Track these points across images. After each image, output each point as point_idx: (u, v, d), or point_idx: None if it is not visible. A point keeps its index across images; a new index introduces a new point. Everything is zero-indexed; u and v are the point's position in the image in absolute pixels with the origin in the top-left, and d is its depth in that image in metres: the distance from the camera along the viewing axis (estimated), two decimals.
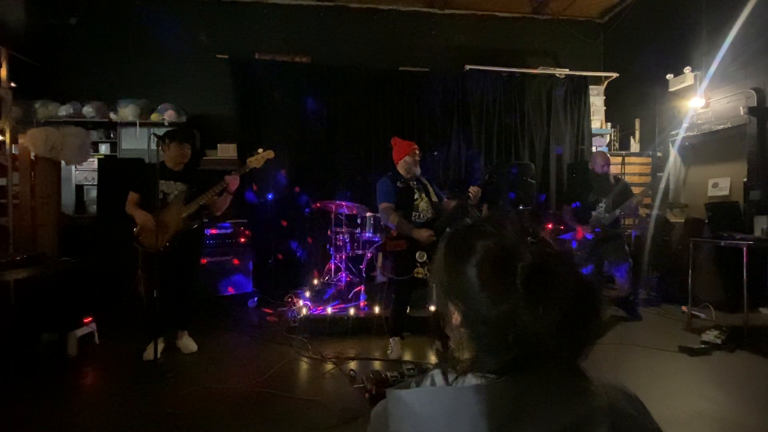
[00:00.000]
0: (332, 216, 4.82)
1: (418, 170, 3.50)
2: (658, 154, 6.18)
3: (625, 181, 4.54)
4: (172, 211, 3.23)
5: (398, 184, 3.43)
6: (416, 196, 3.44)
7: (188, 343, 3.47)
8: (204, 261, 4.68)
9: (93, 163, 5.49)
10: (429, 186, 3.57)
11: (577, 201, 4.43)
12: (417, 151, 3.51)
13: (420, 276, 3.28)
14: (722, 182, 5.35)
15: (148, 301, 3.16)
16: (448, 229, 3.16)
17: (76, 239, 4.33)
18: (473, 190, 3.37)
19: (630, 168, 6.31)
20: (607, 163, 4.40)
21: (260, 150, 3.47)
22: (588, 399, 0.63)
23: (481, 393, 0.61)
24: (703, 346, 3.46)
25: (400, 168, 3.50)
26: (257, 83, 5.96)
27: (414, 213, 3.41)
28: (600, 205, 4.27)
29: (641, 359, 3.35)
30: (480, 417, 0.59)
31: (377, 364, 3.26)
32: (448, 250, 0.72)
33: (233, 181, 3.34)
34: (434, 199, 3.51)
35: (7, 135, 3.98)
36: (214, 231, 4.86)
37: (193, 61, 6.43)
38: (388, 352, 3.41)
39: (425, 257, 3.28)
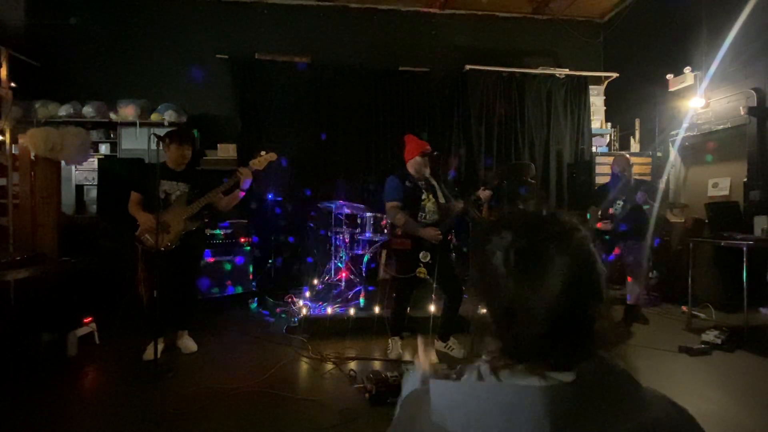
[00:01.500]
0: (332, 216, 4.82)
1: (427, 171, 3.45)
2: (658, 154, 6.18)
3: (648, 182, 4.55)
4: (175, 211, 3.24)
5: (406, 183, 3.40)
6: (423, 197, 3.40)
7: (188, 343, 3.47)
8: (211, 260, 4.70)
9: (93, 163, 5.49)
10: (438, 187, 3.53)
11: (599, 202, 4.44)
12: (429, 151, 3.46)
13: (422, 276, 3.28)
14: (722, 182, 5.35)
15: (148, 301, 3.16)
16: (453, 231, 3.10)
17: (76, 239, 4.32)
18: (484, 194, 3.33)
19: None
20: (626, 166, 4.37)
21: (263, 152, 3.47)
22: (646, 410, 0.65)
23: (546, 395, 0.61)
24: (703, 346, 3.46)
25: (410, 167, 3.45)
26: (257, 83, 5.97)
27: (420, 213, 3.38)
28: (618, 202, 4.29)
29: (641, 359, 3.34)
30: (544, 419, 0.60)
31: (377, 364, 3.26)
32: (476, 244, 0.75)
33: (245, 174, 3.31)
34: (441, 200, 3.48)
35: (7, 135, 3.97)
36: (214, 231, 4.85)
37: (193, 61, 6.42)
38: (388, 351, 3.41)
39: (428, 257, 3.27)
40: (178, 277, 3.31)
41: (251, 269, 5.08)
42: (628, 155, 4.75)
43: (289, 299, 4.68)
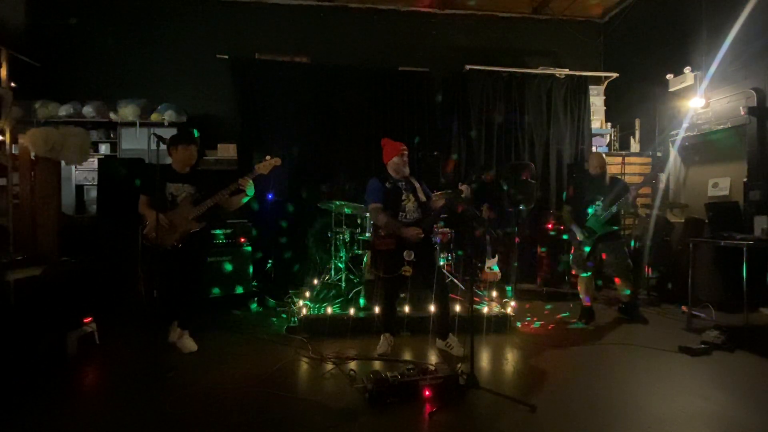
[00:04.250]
0: (332, 216, 4.82)
1: (406, 171, 3.54)
2: (658, 154, 6.18)
3: (623, 181, 4.52)
4: (181, 212, 3.34)
5: (387, 184, 3.48)
6: (404, 197, 3.48)
7: (188, 343, 3.48)
8: (212, 260, 4.70)
9: (93, 163, 5.49)
10: (417, 186, 3.59)
11: (576, 202, 4.41)
12: (405, 152, 3.55)
13: (407, 274, 3.34)
14: (722, 182, 5.35)
15: (148, 301, 3.19)
16: (435, 227, 3.16)
17: (76, 239, 4.33)
18: (463, 187, 3.40)
19: (630, 168, 6.30)
20: (601, 165, 4.35)
21: (268, 157, 3.56)
22: None
23: None
24: (703, 346, 3.46)
25: (389, 169, 3.55)
26: (257, 83, 5.96)
27: (401, 213, 3.46)
28: (597, 203, 4.26)
29: (641, 359, 3.35)
30: None
31: (377, 364, 3.26)
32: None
33: (246, 184, 3.43)
34: (422, 199, 3.54)
35: (7, 135, 3.97)
36: (215, 231, 4.85)
37: (193, 61, 6.43)
38: (377, 347, 3.46)
39: (412, 256, 3.33)
40: (181, 276, 3.38)
41: (251, 269, 5.08)
42: (603, 154, 4.72)
43: (289, 299, 4.68)
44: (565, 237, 4.39)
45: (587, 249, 4.28)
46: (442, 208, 3.51)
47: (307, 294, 4.52)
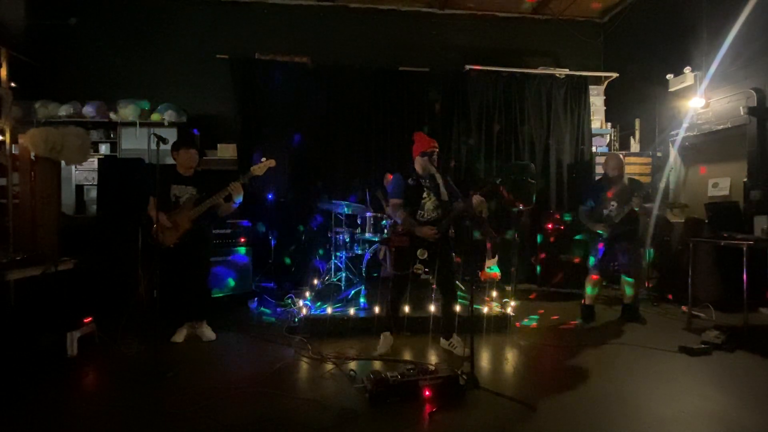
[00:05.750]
0: (332, 216, 4.82)
1: (433, 169, 3.46)
2: (658, 154, 6.18)
3: (640, 182, 4.50)
4: (183, 212, 3.49)
5: (410, 181, 3.44)
6: (425, 195, 3.43)
7: (206, 331, 3.70)
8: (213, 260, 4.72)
9: (93, 163, 5.49)
10: (441, 184, 3.49)
11: (591, 201, 4.40)
12: (436, 150, 3.48)
13: (419, 273, 3.33)
14: (722, 182, 5.35)
15: (148, 301, 3.21)
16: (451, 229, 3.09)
17: (76, 239, 4.33)
18: (476, 199, 3.27)
19: (630, 168, 6.27)
20: (619, 167, 4.33)
21: (263, 159, 3.63)
22: None
23: None
24: (703, 346, 3.45)
25: (417, 164, 3.50)
26: (257, 83, 5.96)
27: (419, 212, 3.42)
28: (612, 203, 4.26)
29: (641, 359, 3.35)
30: None
31: (377, 364, 3.26)
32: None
33: (236, 190, 3.53)
34: (444, 198, 3.45)
35: (7, 135, 3.97)
36: (216, 231, 4.85)
37: (193, 61, 6.43)
38: (378, 346, 3.45)
39: (425, 255, 3.30)
40: (186, 273, 3.52)
41: (251, 269, 5.08)
42: (621, 155, 4.70)
43: (289, 299, 4.68)
44: (578, 237, 4.35)
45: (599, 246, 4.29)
46: (463, 210, 3.36)
47: (307, 294, 4.52)
